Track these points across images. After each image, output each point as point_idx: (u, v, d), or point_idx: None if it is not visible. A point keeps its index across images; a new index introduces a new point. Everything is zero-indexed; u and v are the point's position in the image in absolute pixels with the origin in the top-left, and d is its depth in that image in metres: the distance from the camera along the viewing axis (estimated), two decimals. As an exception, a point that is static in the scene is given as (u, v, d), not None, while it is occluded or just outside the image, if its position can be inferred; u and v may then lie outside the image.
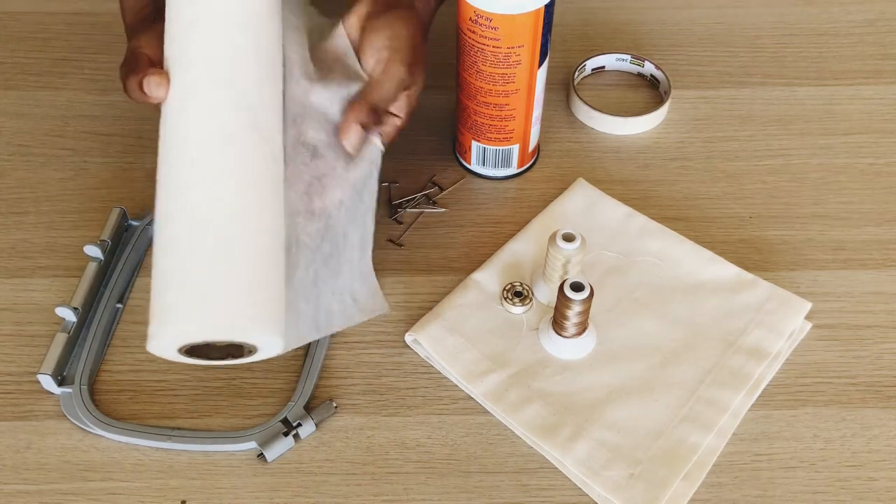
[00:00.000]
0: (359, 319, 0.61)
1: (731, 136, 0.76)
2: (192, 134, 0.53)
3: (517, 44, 0.63)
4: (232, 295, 0.51)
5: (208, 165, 0.53)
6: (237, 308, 0.51)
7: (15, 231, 0.69)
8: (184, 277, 0.51)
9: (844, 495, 0.56)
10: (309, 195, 0.59)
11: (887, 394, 0.60)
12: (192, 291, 0.51)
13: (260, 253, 0.53)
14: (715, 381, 0.59)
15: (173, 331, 0.50)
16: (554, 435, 0.57)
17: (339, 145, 0.61)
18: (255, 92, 0.55)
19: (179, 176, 0.53)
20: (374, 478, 0.57)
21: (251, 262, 0.52)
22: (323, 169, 0.60)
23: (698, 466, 0.56)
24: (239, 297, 0.51)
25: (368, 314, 0.61)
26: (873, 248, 0.68)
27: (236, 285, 0.51)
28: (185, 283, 0.51)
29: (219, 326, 0.50)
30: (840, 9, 0.87)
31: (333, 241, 0.60)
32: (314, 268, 0.59)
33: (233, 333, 0.51)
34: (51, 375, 0.59)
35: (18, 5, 0.87)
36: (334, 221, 0.60)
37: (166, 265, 0.51)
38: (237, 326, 0.50)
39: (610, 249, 0.66)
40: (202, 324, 0.50)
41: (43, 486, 0.56)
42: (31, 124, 0.77)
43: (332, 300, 0.60)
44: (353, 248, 0.61)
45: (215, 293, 0.51)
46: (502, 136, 0.69)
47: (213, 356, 0.54)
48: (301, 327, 0.58)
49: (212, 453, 0.58)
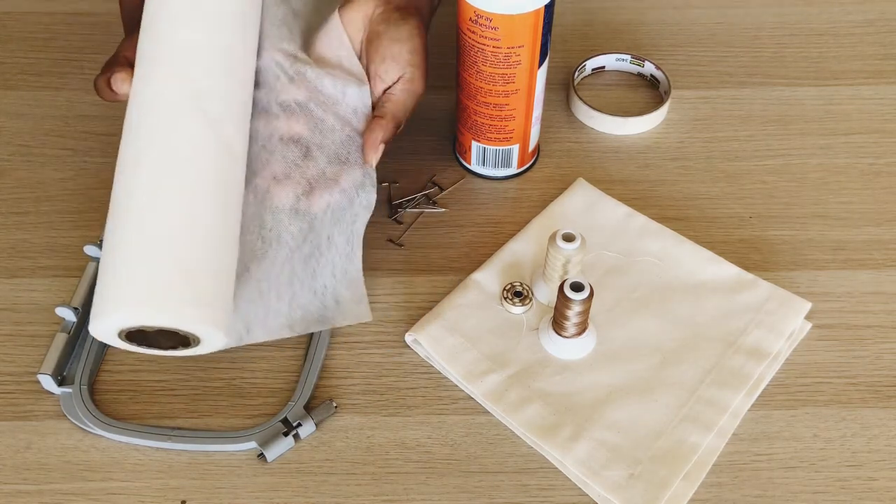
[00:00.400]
0: (339, 323, 0.61)
1: (731, 136, 0.76)
2: (140, 123, 0.55)
3: (517, 44, 0.63)
4: (168, 279, 0.51)
5: (154, 154, 0.54)
6: (171, 293, 0.51)
7: (15, 231, 0.69)
8: (123, 261, 0.52)
9: (844, 495, 0.56)
10: (296, 194, 0.59)
11: (887, 394, 0.60)
12: (129, 274, 0.51)
13: (201, 241, 0.53)
14: (715, 381, 0.59)
15: (110, 314, 0.51)
16: (554, 435, 0.57)
17: (335, 151, 0.61)
18: (204, 83, 0.56)
19: (127, 164, 0.54)
20: (374, 478, 0.57)
21: (190, 249, 0.53)
22: (313, 171, 0.60)
23: (698, 466, 0.56)
24: (173, 281, 0.51)
25: (351, 320, 0.61)
26: (873, 248, 0.68)
27: (173, 269, 0.52)
28: (123, 266, 0.52)
29: (151, 311, 0.51)
30: (840, 9, 0.87)
31: (315, 243, 0.61)
32: (290, 266, 0.59)
33: (164, 319, 0.51)
34: (51, 375, 0.59)
35: (18, 5, 0.87)
36: (318, 224, 0.60)
37: (108, 248, 0.52)
38: (169, 311, 0.51)
39: (610, 249, 0.66)
40: (135, 308, 0.51)
41: (43, 486, 0.56)
42: (31, 124, 0.77)
43: (311, 300, 0.60)
44: (337, 252, 0.61)
45: (150, 276, 0.51)
46: (502, 136, 0.69)
47: (161, 345, 0.54)
48: (271, 322, 0.59)
49: (212, 453, 0.58)
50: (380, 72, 0.63)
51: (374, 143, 0.61)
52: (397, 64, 0.62)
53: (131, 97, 0.57)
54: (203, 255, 0.53)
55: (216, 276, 0.54)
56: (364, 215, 0.61)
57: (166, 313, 0.51)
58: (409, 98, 0.63)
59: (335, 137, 0.61)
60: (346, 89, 0.62)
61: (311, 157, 0.60)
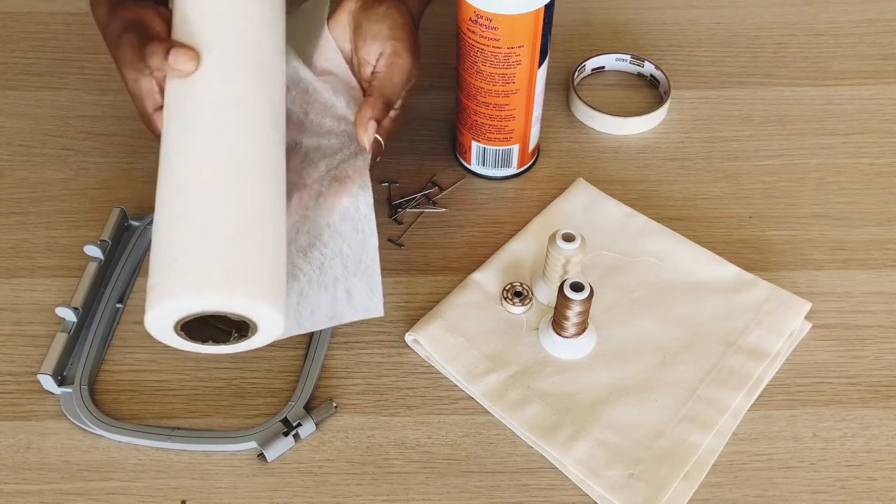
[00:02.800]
0: (349, 318, 0.58)
1: (731, 136, 0.76)
2: (209, 109, 0.54)
3: (517, 44, 0.63)
4: (237, 264, 0.51)
5: (219, 142, 0.53)
6: (240, 277, 0.51)
7: (15, 231, 0.69)
8: (186, 247, 0.51)
9: (844, 495, 0.56)
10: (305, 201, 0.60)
11: (887, 394, 0.60)
12: (195, 259, 0.51)
13: (263, 229, 0.53)
14: (715, 381, 0.59)
15: (172, 301, 0.50)
16: (554, 435, 0.57)
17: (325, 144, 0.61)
18: (270, 78, 0.56)
19: (185, 149, 0.54)
20: (374, 478, 0.57)
21: (254, 237, 0.52)
22: (315, 175, 0.60)
23: (698, 466, 0.56)
24: (244, 266, 0.51)
25: (361, 314, 0.58)
26: (873, 248, 0.68)
27: (241, 255, 0.51)
28: (188, 252, 0.51)
29: (222, 294, 0.50)
30: (840, 9, 0.87)
31: (314, 233, 0.59)
32: (290, 259, 0.58)
33: (234, 303, 0.50)
34: (51, 375, 0.59)
35: (18, 5, 0.87)
36: (313, 213, 0.59)
37: (168, 235, 0.52)
38: (239, 295, 0.50)
39: (610, 249, 0.66)
40: (203, 293, 0.50)
41: (43, 486, 0.56)
42: (31, 124, 0.77)
43: (322, 295, 0.58)
44: (344, 241, 0.58)
45: (219, 261, 0.51)
46: (502, 136, 0.69)
47: (213, 339, 0.54)
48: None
49: (212, 453, 0.58)
50: (363, 55, 0.61)
51: (362, 121, 0.59)
52: (377, 41, 0.60)
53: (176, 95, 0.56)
54: (267, 243, 0.53)
55: (277, 264, 0.53)
56: (364, 197, 0.58)
57: (237, 296, 0.50)
58: (395, 72, 0.60)
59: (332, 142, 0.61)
60: (338, 97, 0.62)
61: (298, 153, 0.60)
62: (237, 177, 0.53)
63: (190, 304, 0.50)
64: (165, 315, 0.51)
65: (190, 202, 0.52)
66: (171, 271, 0.51)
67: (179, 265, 0.51)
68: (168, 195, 0.53)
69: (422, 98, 0.78)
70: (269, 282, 0.52)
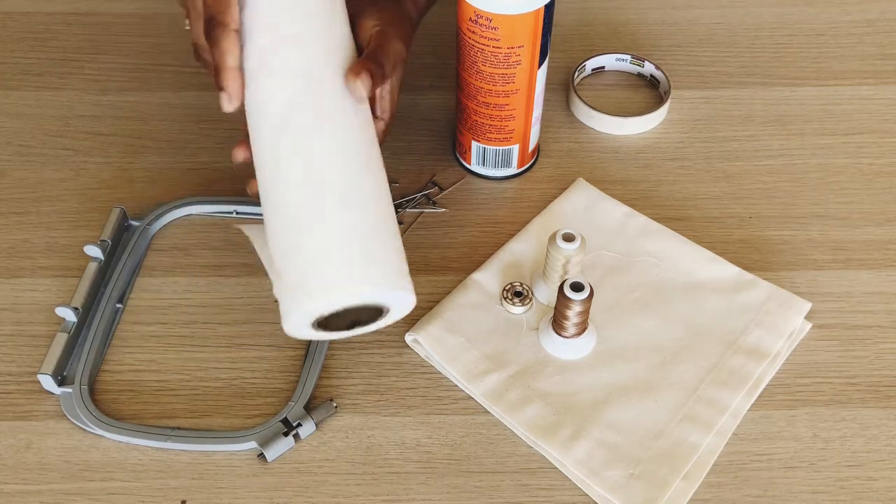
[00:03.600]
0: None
1: (731, 136, 0.76)
2: (287, 113, 0.54)
3: (517, 44, 0.63)
4: (372, 257, 0.52)
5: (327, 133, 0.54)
6: (378, 269, 0.51)
7: (15, 231, 0.69)
8: (317, 245, 0.51)
9: (844, 495, 0.56)
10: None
11: (887, 394, 0.60)
12: (329, 257, 0.51)
13: (385, 217, 0.54)
14: (715, 381, 0.59)
15: (313, 300, 0.50)
16: (554, 435, 0.57)
17: None
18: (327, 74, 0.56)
19: (301, 147, 0.53)
20: (374, 478, 0.57)
21: (379, 227, 0.53)
22: None
23: (698, 466, 0.56)
24: (381, 259, 0.52)
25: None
26: (873, 248, 0.68)
27: (372, 247, 0.52)
28: (320, 250, 0.51)
29: (362, 289, 0.51)
30: (840, 9, 0.87)
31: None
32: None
33: (376, 294, 0.51)
34: (51, 375, 0.59)
35: (18, 5, 0.87)
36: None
37: (296, 234, 0.52)
38: (381, 286, 0.51)
39: (610, 249, 0.66)
40: (343, 289, 0.50)
41: (43, 486, 0.56)
42: (31, 124, 0.77)
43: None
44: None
45: (365, 252, 0.51)
46: (502, 136, 0.69)
47: (341, 327, 0.54)
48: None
49: (212, 453, 0.58)
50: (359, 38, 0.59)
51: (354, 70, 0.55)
52: (367, 29, 0.59)
53: (257, 96, 0.55)
54: (388, 228, 0.53)
55: (398, 245, 0.54)
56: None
57: (376, 287, 0.51)
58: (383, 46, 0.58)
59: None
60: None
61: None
62: (357, 171, 0.54)
63: (333, 300, 0.51)
64: (307, 315, 0.52)
65: (313, 201, 0.52)
66: (307, 271, 0.51)
67: (313, 264, 0.51)
68: (285, 196, 0.53)
69: (422, 98, 0.78)
70: (401, 266, 0.53)
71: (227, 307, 0.64)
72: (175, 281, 0.66)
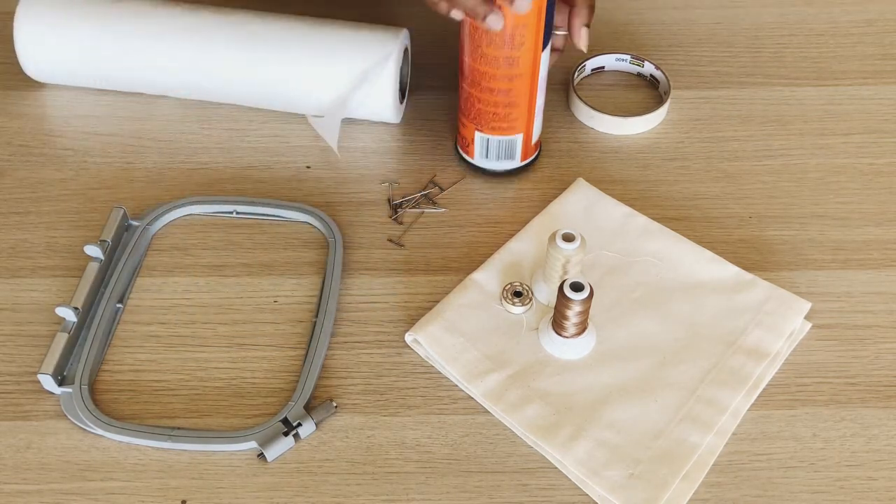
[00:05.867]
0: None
1: (731, 136, 0.76)
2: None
3: (521, 22, 0.62)
4: None
5: None
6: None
7: (15, 231, 0.69)
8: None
9: (844, 495, 0.56)
10: None
11: (886, 393, 0.60)
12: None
13: None
14: (714, 381, 0.59)
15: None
16: (554, 435, 0.57)
17: None
18: None
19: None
20: (374, 478, 0.57)
21: None
22: None
23: (698, 466, 0.56)
24: None
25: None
26: (873, 248, 0.68)
27: None
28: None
29: None
30: (840, 9, 0.87)
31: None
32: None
33: None
34: (51, 375, 0.59)
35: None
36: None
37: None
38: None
39: (610, 249, 0.66)
40: None
41: (43, 486, 0.56)
42: (31, 124, 0.77)
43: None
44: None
45: None
46: (506, 124, 0.69)
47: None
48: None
49: (212, 453, 0.58)
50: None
51: (576, 30, 0.69)
52: None
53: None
54: None
55: None
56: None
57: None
58: None
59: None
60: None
61: None
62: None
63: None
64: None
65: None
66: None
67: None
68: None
69: (422, 98, 0.78)
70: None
71: (227, 307, 0.65)
72: (175, 281, 0.66)
